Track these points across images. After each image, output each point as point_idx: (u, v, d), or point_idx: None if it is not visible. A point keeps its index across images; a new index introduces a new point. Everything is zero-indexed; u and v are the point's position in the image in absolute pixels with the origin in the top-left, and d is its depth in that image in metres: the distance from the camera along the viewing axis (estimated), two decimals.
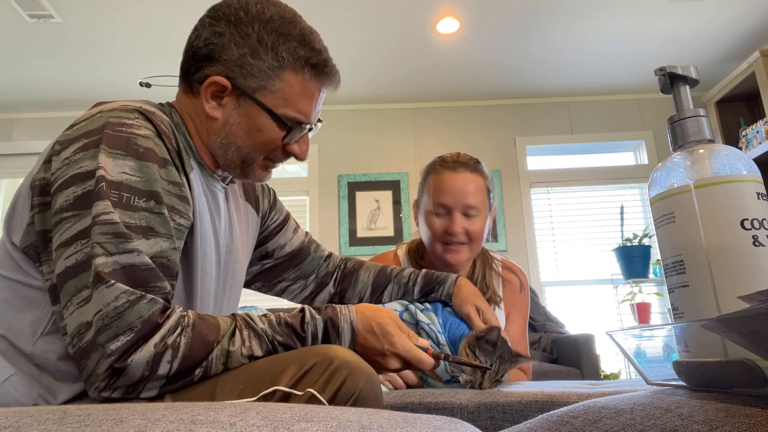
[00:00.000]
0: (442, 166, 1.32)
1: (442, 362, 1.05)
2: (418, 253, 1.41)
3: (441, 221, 1.29)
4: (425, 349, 0.83)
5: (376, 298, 1.18)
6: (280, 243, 1.10)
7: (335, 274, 1.19)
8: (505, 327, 1.36)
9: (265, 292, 1.15)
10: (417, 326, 1.13)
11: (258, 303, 3.41)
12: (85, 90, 3.67)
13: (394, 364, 0.81)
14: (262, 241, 1.08)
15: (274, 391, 0.64)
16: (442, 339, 1.08)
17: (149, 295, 0.66)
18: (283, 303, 3.70)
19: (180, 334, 0.67)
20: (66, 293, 0.66)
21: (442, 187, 1.29)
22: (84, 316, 0.64)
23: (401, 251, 1.45)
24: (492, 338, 1.01)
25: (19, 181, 4.06)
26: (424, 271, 1.20)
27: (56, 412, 0.35)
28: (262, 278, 1.12)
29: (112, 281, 0.64)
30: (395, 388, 1.08)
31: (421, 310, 1.12)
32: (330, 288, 1.18)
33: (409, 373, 1.09)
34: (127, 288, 0.65)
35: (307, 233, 1.17)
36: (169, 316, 0.67)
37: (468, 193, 1.27)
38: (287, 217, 1.13)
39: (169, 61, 3.34)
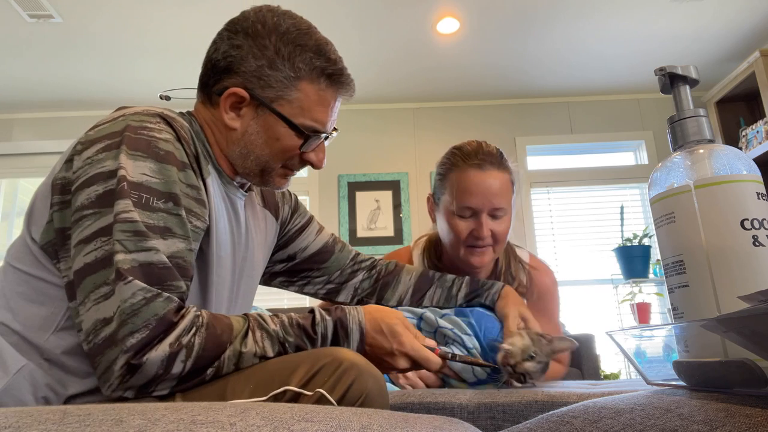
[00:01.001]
0: (465, 162, 1.20)
1: (462, 364, 1.05)
2: (435, 254, 1.34)
3: (466, 224, 1.20)
4: (432, 349, 0.84)
5: (417, 300, 1.18)
6: (302, 245, 1.11)
7: (369, 270, 1.20)
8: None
9: (286, 287, 1.16)
10: (435, 334, 1.11)
11: (258, 303, 3.42)
12: (85, 90, 3.67)
13: (403, 363, 0.82)
14: (283, 244, 1.10)
15: (285, 391, 0.65)
16: (469, 342, 1.06)
17: (165, 294, 0.67)
18: (283, 303, 3.71)
19: (194, 334, 0.67)
20: (83, 290, 0.67)
21: (467, 188, 1.18)
22: (101, 312, 0.65)
23: (416, 252, 1.38)
24: (555, 347, 1.00)
25: (20, 181, 4.07)
26: (467, 277, 1.19)
27: (56, 412, 0.35)
28: (285, 276, 1.14)
29: (130, 278, 0.65)
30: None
31: (441, 316, 1.11)
32: (358, 279, 1.18)
33: (430, 376, 1.09)
34: (144, 285, 0.65)
35: (332, 234, 1.18)
36: (183, 316, 0.68)
37: (495, 194, 1.18)
38: (310, 220, 1.14)
39: (169, 60, 3.34)
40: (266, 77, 0.83)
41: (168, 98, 1.02)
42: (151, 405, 0.38)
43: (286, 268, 1.12)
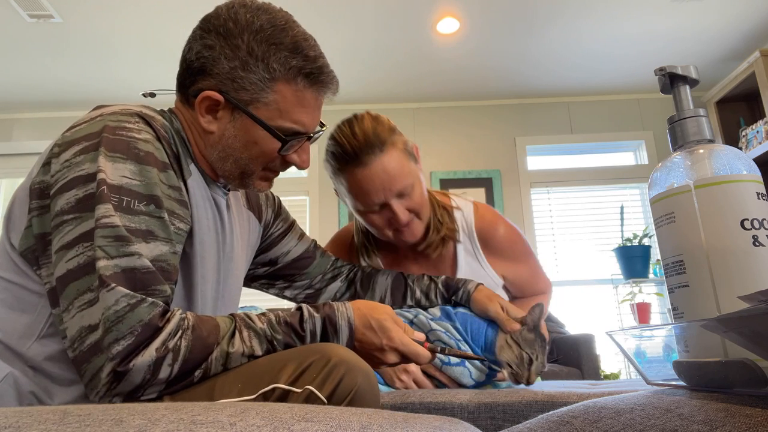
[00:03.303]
0: (347, 164, 1.11)
1: (465, 368, 1.05)
2: (370, 239, 1.32)
3: (380, 216, 1.15)
4: (421, 343, 0.84)
5: (398, 301, 1.18)
6: (284, 250, 1.10)
7: (347, 274, 1.20)
8: (512, 273, 1.31)
9: (267, 291, 1.16)
10: (428, 336, 1.11)
11: (258, 303, 3.41)
12: (85, 90, 3.67)
13: (392, 358, 0.82)
14: (266, 248, 1.09)
15: (273, 389, 0.65)
16: (464, 346, 1.06)
17: (150, 299, 0.66)
18: (284, 303, 3.70)
19: (181, 337, 0.67)
20: (67, 296, 0.66)
21: (362, 189, 1.11)
22: (86, 319, 0.64)
23: (356, 226, 1.36)
24: (534, 318, 1.00)
25: (20, 182, 4.06)
26: (444, 277, 1.18)
27: (56, 412, 0.35)
28: (266, 280, 1.13)
29: (113, 284, 0.64)
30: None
31: (432, 319, 1.11)
32: (338, 283, 1.18)
33: (425, 381, 1.09)
34: (128, 292, 0.64)
35: (313, 240, 1.18)
36: (169, 320, 0.67)
37: (392, 179, 1.10)
38: (292, 225, 1.13)
39: (168, 61, 3.34)
40: (240, 79, 0.79)
41: (153, 95, 1.00)
42: (151, 405, 0.38)
43: (268, 273, 1.11)
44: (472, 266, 1.28)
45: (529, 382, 0.98)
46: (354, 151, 1.10)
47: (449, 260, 1.29)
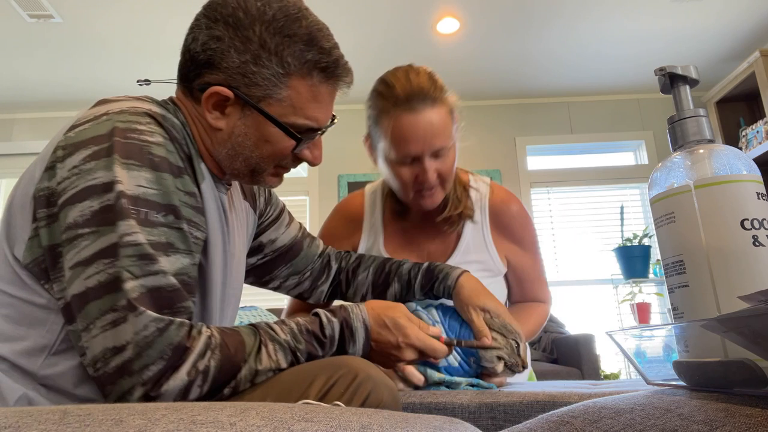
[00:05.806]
0: (396, 106, 1.09)
1: (457, 363, 1.05)
2: (394, 198, 1.28)
3: (410, 170, 1.13)
4: (437, 338, 0.84)
5: (379, 297, 1.12)
6: (272, 238, 1.06)
7: (334, 274, 1.15)
8: (516, 258, 1.27)
9: (258, 287, 1.11)
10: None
11: (258, 303, 3.41)
12: (85, 90, 3.67)
13: (410, 355, 0.81)
14: (255, 236, 1.05)
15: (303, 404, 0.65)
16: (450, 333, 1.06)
17: (177, 320, 0.64)
18: (283, 302, 3.70)
19: (210, 358, 0.65)
20: (87, 315, 0.63)
21: (403, 135, 1.09)
22: (110, 340, 0.62)
23: (369, 200, 1.34)
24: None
25: None
26: (425, 265, 1.08)
27: (56, 412, 0.35)
28: (254, 274, 1.08)
29: (142, 309, 0.62)
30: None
31: (424, 307, 1.10)
32: (324, 287, 1.13)
33: (416, 375, 1.06)
34: (156, 315, 0.62)
35: (300, 226, 1.12)
36: (195, 338, 0.65)
37: (434, 135, 1.09)
38: (282, 211, 1.09)
39: (168, 61, 3.34)
40: (251, 74, 0.74)
41: (148, 82, 0.96)
42: (151, 405, 0.38)
43: (254, 265, 1.06)
44: (476, 241, 1.25)
45: (525, 366, 0.96)
46: (406, 95, 1.09)
47: (455, 234, 1.27)
